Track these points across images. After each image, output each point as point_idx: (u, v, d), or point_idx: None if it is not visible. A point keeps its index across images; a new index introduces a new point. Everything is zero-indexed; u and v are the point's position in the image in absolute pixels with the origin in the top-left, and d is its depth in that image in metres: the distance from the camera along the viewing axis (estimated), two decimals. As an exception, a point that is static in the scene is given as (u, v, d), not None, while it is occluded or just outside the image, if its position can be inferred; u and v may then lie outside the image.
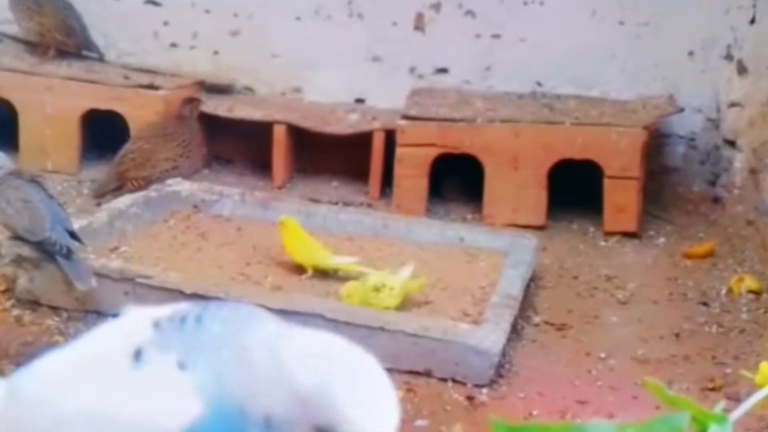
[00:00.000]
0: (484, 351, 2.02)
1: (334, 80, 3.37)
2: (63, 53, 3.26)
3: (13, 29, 3.34)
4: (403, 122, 3.03)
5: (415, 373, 2.04)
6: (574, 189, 3.06)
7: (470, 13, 3.33)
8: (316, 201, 3.00)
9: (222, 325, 0.91)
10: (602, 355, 2.22)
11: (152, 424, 0.88)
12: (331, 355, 0.86)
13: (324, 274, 2.40)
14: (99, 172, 3.16)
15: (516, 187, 2.99)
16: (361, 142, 3.16)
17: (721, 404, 0.75)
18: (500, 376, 2.08)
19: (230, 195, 2.81)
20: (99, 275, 2.17)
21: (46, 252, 2.20)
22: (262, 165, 3.25)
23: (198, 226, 2.68)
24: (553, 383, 2.08)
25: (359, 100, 3.40)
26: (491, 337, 2.05)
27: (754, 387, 1.82)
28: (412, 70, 3.38)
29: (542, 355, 2.22)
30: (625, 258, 2.85)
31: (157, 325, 0.94)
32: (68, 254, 2.17)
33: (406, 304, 2.26)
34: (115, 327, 1.02)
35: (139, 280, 2.16)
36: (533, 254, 2.55)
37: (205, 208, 2.77)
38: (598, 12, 3.28)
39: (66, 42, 3.24)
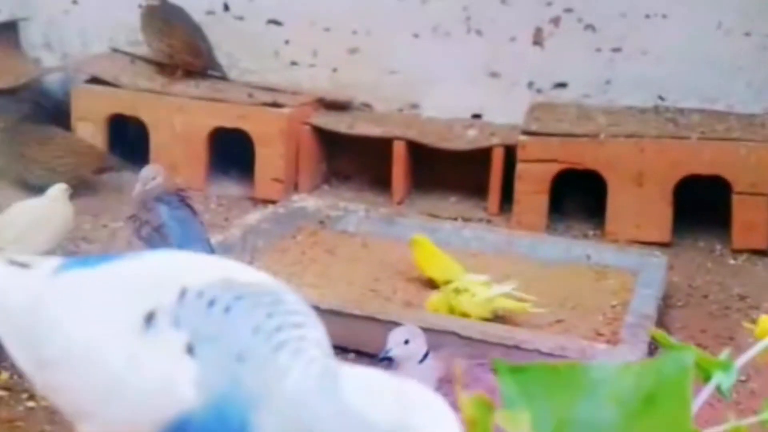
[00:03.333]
0: (622, 372, 2.00)
1: (451, 96, 3.39)
2: (190, 73, 3.37)
3: (143, 51, 3.47)
4: (524, 138, 3.03)
5: (551, 393, 2.03)
6: (697, 205, 3.00)
7: (590, 27, 3.30)
8: (434, 216, 3.02)
9: (255, 334, 0.87)
10: (742, 378, 2.17)
11: (148, 401, 0.87)
12: (393, 391, 0.82)
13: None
14: (225, 188, 3.25)
15: (640, 203, 2.94)
16: (479, 157, 3.16)
17: (727, 351, 0.73)
18: (637, 397, 2.05)
19: (355, 211, 2.85)
20: (237, 290, 2.23)
21: None
22: (380, 181, 3.29)
23: (325, 242, 2.73)
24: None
25: (476, 116, 3.41)
26: (629, 357, 2.02)
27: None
28: (530, 85, 3.36)
29: (678, 376, 2.18)
30: (757, 277, 2.77)
31: (183, 294, 0.89)
32: None
33: (502, 320, 2.24)
34: (151, 266, 0.97)
35: (276, 295, 2.20)
36: (664, 273, 2.51)
37: (330, 223, 2.82)
38: (723, 24, 3.21)
39: (193, 62, 3.35)
